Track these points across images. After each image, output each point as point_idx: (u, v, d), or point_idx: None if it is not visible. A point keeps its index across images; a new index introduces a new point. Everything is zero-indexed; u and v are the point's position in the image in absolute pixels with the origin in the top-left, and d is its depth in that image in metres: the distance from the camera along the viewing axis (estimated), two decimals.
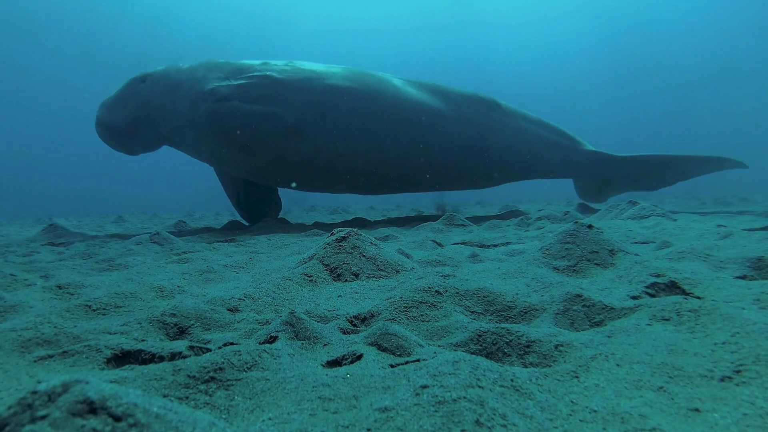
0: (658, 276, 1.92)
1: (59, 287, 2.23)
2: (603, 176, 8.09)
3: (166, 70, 6.85)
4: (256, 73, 6.43)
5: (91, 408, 0.61)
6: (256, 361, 1.15)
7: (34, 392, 0.63)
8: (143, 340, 1.50)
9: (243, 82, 6.32)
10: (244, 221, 7.53)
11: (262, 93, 6.25)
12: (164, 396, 1.02)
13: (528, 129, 7.51)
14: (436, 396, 0.87)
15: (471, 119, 6.96)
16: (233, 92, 6.24)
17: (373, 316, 1.70)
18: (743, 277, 2.03)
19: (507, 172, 7.44)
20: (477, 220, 6.65)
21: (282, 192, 7.78)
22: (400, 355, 1.26)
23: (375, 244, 2.49)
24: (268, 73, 6.43)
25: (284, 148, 6.31)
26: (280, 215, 7.86)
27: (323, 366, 1.23)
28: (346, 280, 2.21)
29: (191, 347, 1.39)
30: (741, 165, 7.83)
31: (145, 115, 6.72)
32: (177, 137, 6.74)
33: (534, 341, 1.27)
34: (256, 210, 7.36)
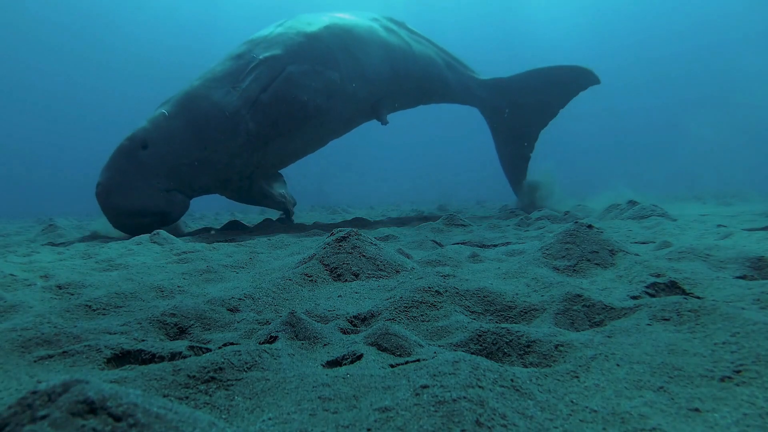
0: (658, 276, 1.92)
1: (59, 287, 2.23)
2: (500, 107, 9.32)
3: (162, 123, 5.93)
4: (252, 65, 6.33)
5: (91, 408, 0.61)
6: (256, 361, 1.15)
7: (34, 392, 0.63)
8: (143, 340, 1.50)
9: (251, 78, 6.23)
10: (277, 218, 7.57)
11: (269, 74, 6.28)
12: (164, 396, 1.02)
13: (436, 53, 8.69)
14: (436, 396, 0.87)
15: (414, 50, 8.07)
16: (253, 92, 6.14)
17: (373, 316, 1.70)
18: (743, 277, 2.03)
19: (429, 94, 8.68)
20: (477, 220, 6.65)
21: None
22: (400, 355, 1.26)
23: (375, 244, 2.49)
24: (262, 56, 6.36)
25: (327, 104, 6.60)
26: (280, 213, 7.82)
27: (323, 366, 1.23)
28: (346, 280, 2.21)
29: (191, 347, 1.39)
30: (595, 79, 8.98)
31: (179, 180, 5.94)
32: (221, 175, 6.32)
33: (534, 341, 1.27)
34: (281, 200, 7.32)
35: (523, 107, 9.14)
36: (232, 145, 6.11)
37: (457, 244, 3.72)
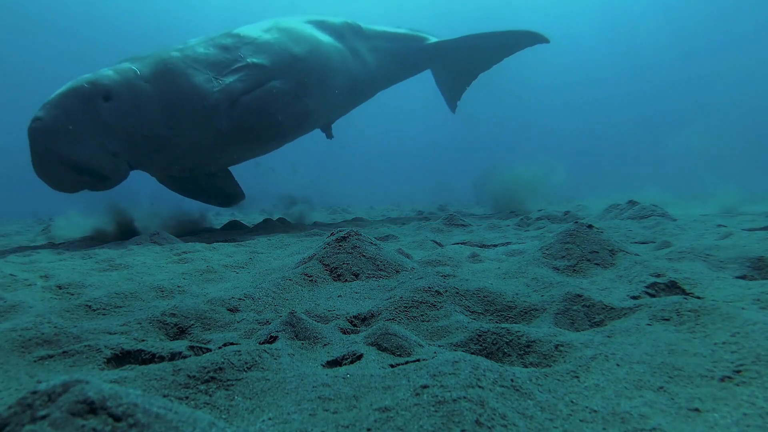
0: (658, 276, 1.92)
1: (59, 287, 2.23)
2: (449, 66, 10.17)
3: (132, 82, 5.29)
4: (239, 64, 6.10)
5: (91, 408, 0.61)
6: (256, 361, 1.15)
7: (34, 392, 0.63)
8: (143, 340, 1.50)
9: (236, 77, 6.00)
10: (217, 207, 7.35)
11: (255, 80, 6.14)
12: (164, 396, 1.02)
13: (385, 48, 8.93)
14: (436, 396, 0.87)
15: (359, 51, 8.18)
16: (236, 91, 5.94)
17: (373, 316, 1.70)
18: (743, 277, 2.03)
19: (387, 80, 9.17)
20: (477, 220, 6.65)
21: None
22: (400, 355, 1.26)
23: (375, 244, 2.49)
24: (249, 61, 6.17)
25: (296, 107, 6.54)
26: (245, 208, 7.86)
27: (323, 366, 1.23)
28: (346, 280, 2.21)
29: (191, 347, 1.39)
30: (544, 40, 9.67)
31: (130, 148, 5.26)
32: (181, 155, 5.83)
33: (534, 341, 1.27)
34: (225, 193, 6.98)
35: (464, 61, 10.08)
36: (199, 135, 5.74)
37: (457, 244, 3.72)
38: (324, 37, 7.35)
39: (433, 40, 9.59)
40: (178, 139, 5.63)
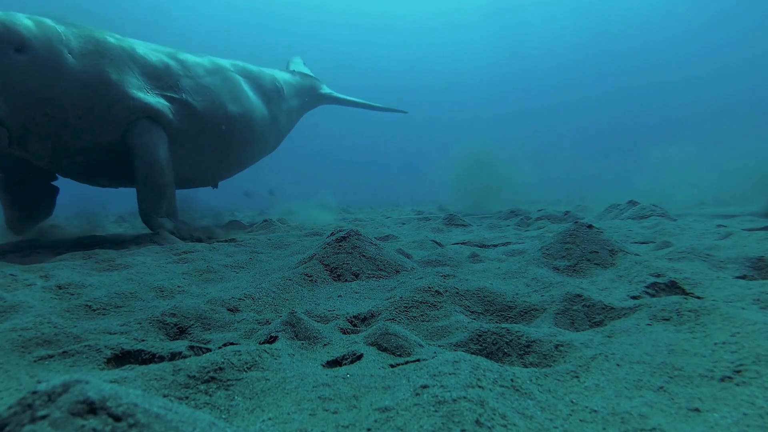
0: (658, 276, 1.92)
1: (59, 287, 2.23)
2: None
3: (54, 43, 4.40)
4: (172, 93, 5.36)
5: (91, 408, 0.61)
6: (256, 361, 1.15)
7: (34, 392, 0.63)
8: (143, 340, 1.50)
9: (170, 99, 5.30)
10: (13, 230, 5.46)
11: (180, 117, 5.42)
12: (164, 396, 1.02)
13: (296, 106, 8.85)
14: (436, 396, 0.87)
15: (278, 117, 7.94)
16: (166, 109, 5.16)
17: (373, 316, 1.70)
18: (743, 277, 2.03)
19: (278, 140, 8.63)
20: (477, 220, 6.65)
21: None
22: (400, 355, 1.26)
23: (375, 244, 2.49)
24: (184, 96, 5.48)
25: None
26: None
27: (323, 366, 1.23)
28: (346, 280, 2.21)
29: (191, 347, 1.39)
30: (402, 111, 11.17)
31: (24, 120, 4.29)
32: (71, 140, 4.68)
33: (534, 341, 1.27)
34: (28, 211, 5.42)
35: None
36: (103, 136, 4.75)
37: (457, 244, 3.72)
38: (256, 101, 7.02)
39: (325, 88, 10.01)
40: (79, 133, 4.62)
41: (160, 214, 5.00)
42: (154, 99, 5.08)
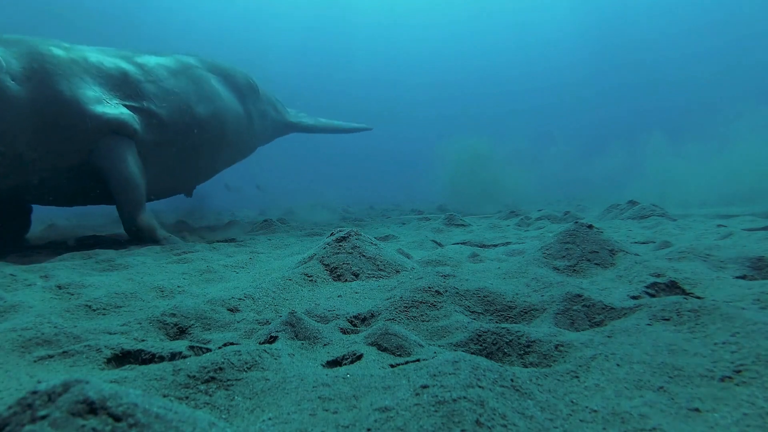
0: (658, 276, 1.92)
1: (59, 287, 2.23)
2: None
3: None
4: (133, 103, 4.89)
5: (91, 408, 0.61)
6: (256, 361, 1.15)
7: (34, 392, 0.63)
8: (143, 340, 1.50)
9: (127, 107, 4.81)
10: None
11: (144, 129, 4.96)
12: (164, 396, 1.02)
13: (270, 115, 8.06)
14: (436, 396, 0.87)
15: (252, 116, 7.23)
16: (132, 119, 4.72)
17: (373, 316, 1.70)
18: (743, 277, 2.03)
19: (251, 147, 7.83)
20: (477, 220, 6.65)
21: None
22: (400, 355, 1.26)
23: (375, 244, 2.49)
24: (146, 105, 5.00)
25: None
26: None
27: (323, 366, 1.23)
28: (346, 280, 2.21)
29: (191, 347, 1.39)
30: (368, 128, 10.58)
31: None
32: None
33: (534, 341, 1.27)
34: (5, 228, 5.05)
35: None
36: (65, 162, 4.36)
37: (457, 244, 3.72)
38: (228, 98, 6.41)
39: (292, 115, 9.16)
40: (38, 165, 4.22)
41: (142, 219, 4.63)
42: (115, 111, 4.58)
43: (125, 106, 4.77)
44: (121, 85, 4.88)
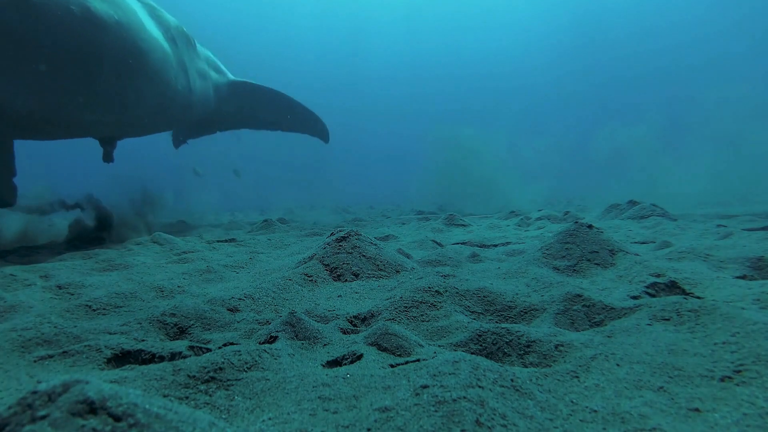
0: (658, 276, 1.92)
1: (59, 287, 2.23)
2: (243, 106, 8.74)
3: None
4: None
5: (91, 408, 0.61)
6: (256, 361, 1.15)
7: (34, 392, 0.63)
8: (143, 340, 1.50)
9: None
10: None
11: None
12: (164, 396, 1.02)
13: (211, 77, 7.32)
14: (437, 396, 0.87)
15: (186, 66, 6.32)
16: None
17: (373, 316, 1.70)
18: (743, 277, 2.03)
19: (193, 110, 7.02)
20: (477, 220, 6.65)
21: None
22: (400, 355, 1.26)
23: (375, 244, 2.49)
24: None
25: None
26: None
27: (323, 366, 1.23)
28: (346, 280, 2.21)
29: (191, 347, 1.39)
30: (325, 140, 9.64)
31: None
32: None
33: (534, 341, 1.26)
34: None
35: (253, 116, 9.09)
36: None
37: (457, 244, 3.72)
38: (152, 27, 5.26)
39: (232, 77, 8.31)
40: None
41: None
42: None
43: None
44: None
